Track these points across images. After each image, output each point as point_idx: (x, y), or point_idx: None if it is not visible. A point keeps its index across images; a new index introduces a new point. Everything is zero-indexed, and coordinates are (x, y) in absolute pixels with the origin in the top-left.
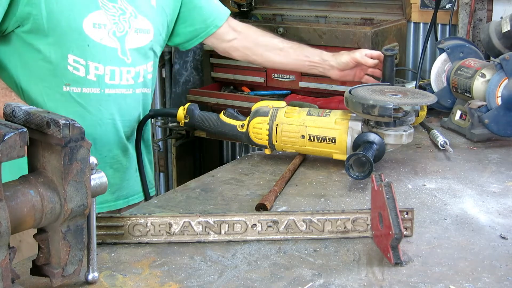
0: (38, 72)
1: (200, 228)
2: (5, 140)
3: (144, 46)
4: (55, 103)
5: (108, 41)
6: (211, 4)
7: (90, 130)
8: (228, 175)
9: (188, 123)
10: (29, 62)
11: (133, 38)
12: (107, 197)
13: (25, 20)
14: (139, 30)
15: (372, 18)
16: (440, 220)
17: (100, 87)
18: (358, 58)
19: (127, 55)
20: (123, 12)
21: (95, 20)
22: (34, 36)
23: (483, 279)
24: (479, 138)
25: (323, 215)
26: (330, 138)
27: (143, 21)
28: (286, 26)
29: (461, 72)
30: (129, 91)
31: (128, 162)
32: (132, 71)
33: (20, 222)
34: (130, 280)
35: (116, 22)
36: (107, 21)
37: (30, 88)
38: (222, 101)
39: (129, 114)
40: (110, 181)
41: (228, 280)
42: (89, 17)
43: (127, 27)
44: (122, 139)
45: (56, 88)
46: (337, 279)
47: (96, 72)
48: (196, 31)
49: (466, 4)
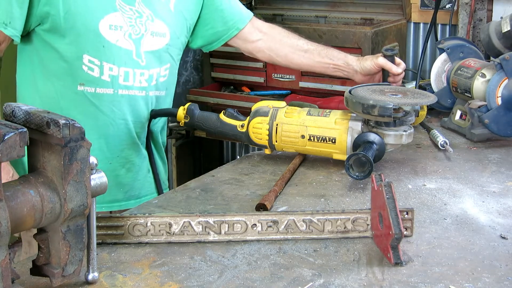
0: (55, 71)
1: (200, 228)
2: (5, 140)
3: (159, 49)
4: (68, 102)
5: (123, 43)
6: (233, 6)
7: (103, 130)
8: (228, 175)
9: (188, 123)
10: (46, 60)
11: (149, 41)
12: (118, 196)
13: (44, 19)
14: (155, 33)
15: (372, 18)
16: (440, 220)
17: (113, 88)
18: (381, 63)
19: (141, 57)
20: (139, 15)
21: (111, 22)
22: (52, 35)
23: (483, 279)
24: (479, 138)
25: (323, 215)
26: (330, 138)
27: (160, 25)
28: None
29: (461, 72)
30: (142, 93)
31: (140, 162)
32: (146, 74)
33: (20, 222)
34: (130, 280)
35: (133, 25)
36: (123, 23)
37: (46, 87)
38: (222, 101)
39: (141, 116)
40: (122, 181)
41: (228, 280)
42: (106, 19)
43: (143, 30)
44: (135, 139)
45: (70, 87)
46: (337, 279)
47: (110, 73)
48: (217, 34)
49: (466, 4)
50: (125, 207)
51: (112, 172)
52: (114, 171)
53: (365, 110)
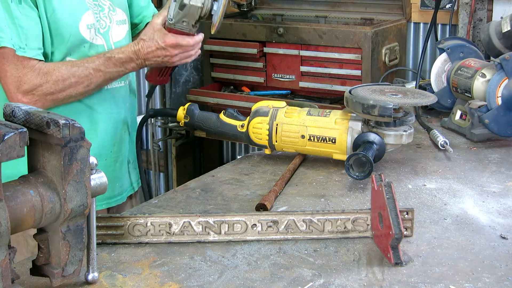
0: None
1: (200, 228)
2: (5, 140)
3: (124, 37)
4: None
5: (97, 39)
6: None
7: (95, 128)
8: (228, 175)
9: (188, 123)
10: None
11: (115, 31)
12: (115, 192)
13: None
14: (119, 22)
15: (372, 18)
16: (440, 220)
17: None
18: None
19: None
20: (102, 8)
21: (87, 21)
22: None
23: (483, 279)
24: (479, 138)
25: (323, 215)
26: (330, 138)
27: (120, 13)
28: (286, 26)
29: (461, 72)
30: (122, 83)
31: (126, 153)
32: None
33: (20, 222)
34: (130, 280)
35: (99, 19)
36: (93, 20)
37: None
38: (222, 101)
39: (126, 106)
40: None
41: (228, 280)
42: (83, 20)
43: (108, 22)
44: (123, 131)
45: None
46: (337, 279)
47: None
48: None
49: (466, 4)
50: (121, 201)
51: (108, 168)
52: (110, 167)
53: (365, 110)
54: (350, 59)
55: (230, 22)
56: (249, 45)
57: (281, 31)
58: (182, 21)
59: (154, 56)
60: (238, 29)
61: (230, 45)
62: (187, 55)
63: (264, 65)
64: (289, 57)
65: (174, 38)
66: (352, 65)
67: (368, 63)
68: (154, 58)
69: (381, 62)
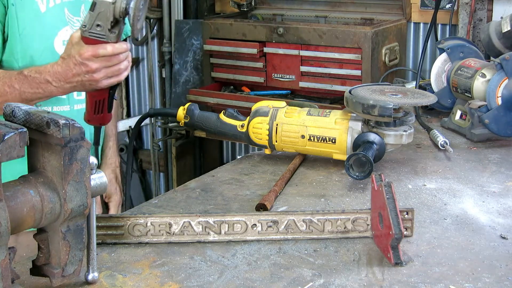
0: None
1: (200, 228)
2: (5, 140)
3: None
4: None
5: None
6: None
7: None
8: (228, 175)
9: (188, 123)
10: None
11: None
12: None
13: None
14: None
15: (372, 18)
16: (440, 220)
17: (70, 104)
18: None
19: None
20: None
21: (64, 37)
22: (8, 58)
23: (483, 279)
24: (479, 138)
25: (323, 215)
26: (330, 138)
27: None
28: (286, 26)
29: (461, 72)
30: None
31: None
32: None
33: (20, 222)
34: (130, 280)
35: None
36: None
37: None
38: (222, 101)
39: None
40: None
41: (228, 280)
42: (59, 35)
43: None
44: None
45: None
46: (337, 279)
47: None
48: None
49: (466, 4)
50: None
51: None
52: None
53: (365, 110)
54: (350, 59)
55: (230, 22)
56: (249, 45)
57: (281, 31)
58: (97, 25)
59: (74, 75)
60: (238, 29)
61: (230, 45)
62: (114, 70)
63: (264, 65)
64: (289, 57)
65: (91, 48)
66: (352, 65)
67: (368, 63)
68: (75, 78)
69: (381, 62)
